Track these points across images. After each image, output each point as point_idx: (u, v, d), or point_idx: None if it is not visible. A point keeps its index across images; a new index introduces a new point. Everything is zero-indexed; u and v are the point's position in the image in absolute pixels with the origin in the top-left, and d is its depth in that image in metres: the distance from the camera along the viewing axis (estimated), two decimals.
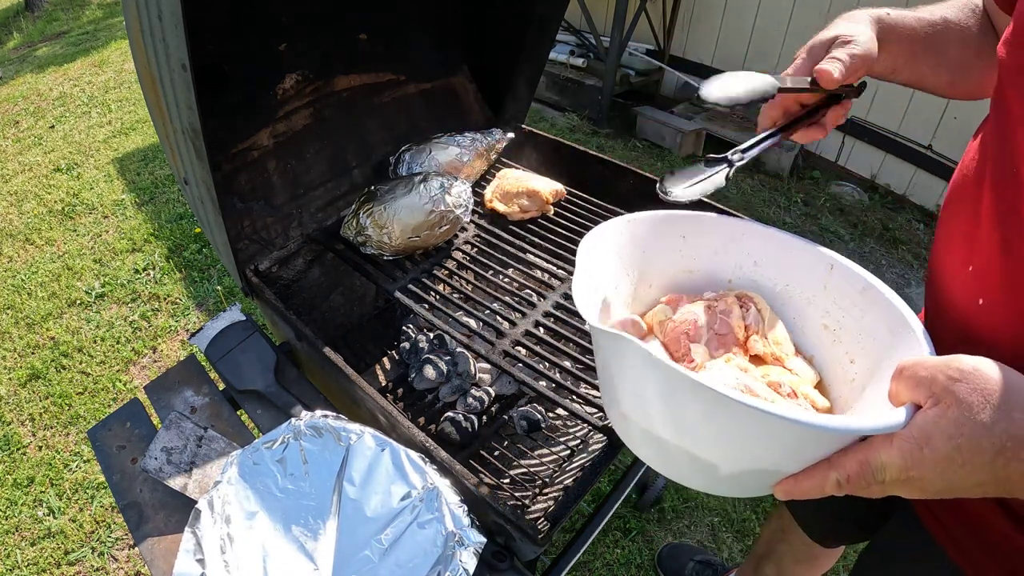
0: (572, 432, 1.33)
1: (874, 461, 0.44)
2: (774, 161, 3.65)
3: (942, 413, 0.42)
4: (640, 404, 0.57)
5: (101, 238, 3.12)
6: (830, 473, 0.47)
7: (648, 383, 0.53)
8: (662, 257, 0.76)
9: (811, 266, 0.71)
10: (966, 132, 3.30)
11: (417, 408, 1.32)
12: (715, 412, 0.49)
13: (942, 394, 0.43)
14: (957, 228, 0.64)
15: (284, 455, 0.91)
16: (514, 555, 0.87)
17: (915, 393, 0.45)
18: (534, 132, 1.72)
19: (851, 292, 0.67)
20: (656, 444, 0.58)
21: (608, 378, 0.62)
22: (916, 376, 0.45)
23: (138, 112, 4.46)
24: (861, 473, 0.45)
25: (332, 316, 1.50)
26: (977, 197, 0.60)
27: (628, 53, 4.09)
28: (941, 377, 0.43)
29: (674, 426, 0.54)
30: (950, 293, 0.64)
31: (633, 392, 0.57)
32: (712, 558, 1.70)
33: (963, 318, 0.61)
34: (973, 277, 0.59)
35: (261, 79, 1.32)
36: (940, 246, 0.68)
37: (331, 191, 1.48)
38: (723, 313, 0.69)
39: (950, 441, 0.41)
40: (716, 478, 0.55)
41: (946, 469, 0.42)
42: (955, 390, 0.42)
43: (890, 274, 2.95)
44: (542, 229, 1.36)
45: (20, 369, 2.39)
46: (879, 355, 0.62)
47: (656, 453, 0.60)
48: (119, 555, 1.81)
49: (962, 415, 0.41)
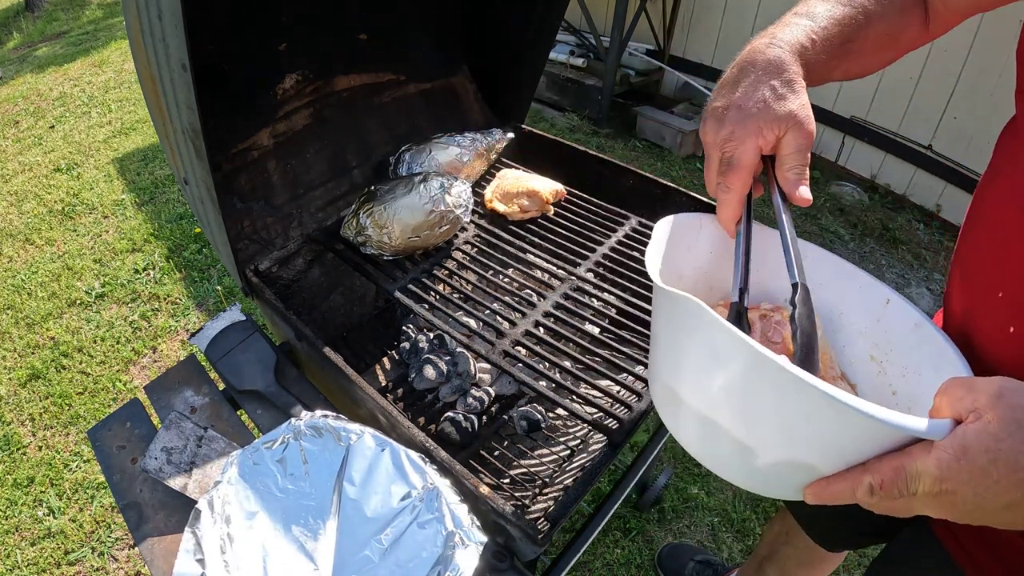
0: (572, 432, 1.33)
1: (910, 468, 0.44)
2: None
3: (983, 428, 0.42)
4: (697, 380, 0.56)
5: (101, 238, 3.12)
6: (864, 477, 0.46)
7: (717, 358, 0.53)
8: (728, 263, 0.76)
9: (868, 298, 0.72)
10: (966, 132, 3.30)
11: (417, 408, 1.32)
12: (784, 395, 0.48)
13: (984, 409, 0.43)
14: (983, 250, 0.63)
15: (284, 455, 0.91)
16: (514, 555, 0.87)
17: (958, 407, 0.45)
18: (534, 132, 1.72)
19: (903, 328, 0.68)
20: (701, 424, 0.57)
21: (665, 348, 0.60)
22: (959, 391, 0.45)
23: (138, 112, 4.46)
24: (895, 480, 0.45)
25: (332, 316, 1.50)
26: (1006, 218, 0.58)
27: (628, 53, 4.09)
28: (984, 394, 0.43)
29: (729, 407, 0.54)
30: (976, 319, 0.63)
31: (693, 366, 0.56)
32: (712, 558, 1.70)
33: (990, 345, 0.60)
34: (1004, 304, 0.58)
35: (261, 79, 1.32)
36: (964, 267, 0.67)
37: (331, 191, 1.48)
38: (777, 324, 0.70)
39: (987, 454, 0.41)
40: (752, 469, 0.55)
41: (980, 483, 0.42)
42: (997, 406, 0.42)
43: (890, 274, 2.95)
44: (542, 229, 1.36)
45: (20, 369, 2.39)
46: (920, 391, 0.63)
47: (698, 434, 0.59)
48: (119, 555, 1.81)
49: (1002, 430, 0.41)
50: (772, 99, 0.60)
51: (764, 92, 0.60)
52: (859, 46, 0.68)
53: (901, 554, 0.87)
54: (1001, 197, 0.61)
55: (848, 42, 0.67)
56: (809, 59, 0.64)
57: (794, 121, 0.60)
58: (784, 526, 1.27)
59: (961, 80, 2.96)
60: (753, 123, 0.60)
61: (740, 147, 0.61)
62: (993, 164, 0.66)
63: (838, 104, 3.49)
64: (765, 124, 0.60)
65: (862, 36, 0.68)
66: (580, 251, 1.28)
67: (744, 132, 0.60)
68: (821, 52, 0.65)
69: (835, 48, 0.66)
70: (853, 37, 0.67)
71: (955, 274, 0.70)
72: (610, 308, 1.16)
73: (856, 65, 0.71)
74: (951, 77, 2.99)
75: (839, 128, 3.54)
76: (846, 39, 0.67)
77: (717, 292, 0.79)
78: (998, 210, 0.61)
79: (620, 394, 0.99)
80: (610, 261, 1.26)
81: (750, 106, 0.60)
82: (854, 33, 0.67)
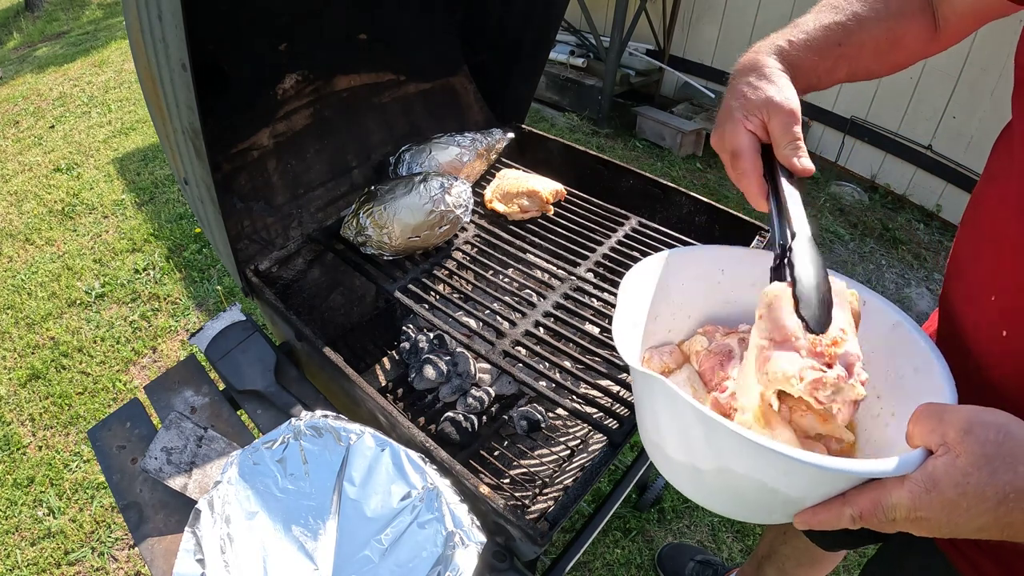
0: (572, 432, 1.33)
1: (885, 501, 0.47)
2: None
3: (951, 462, 0.45)
4: (678, 442, 0.60)
5: (101, 238, 3.12)
6: (845, 509, 0.50)
7: (677, 421, 0.57)
8: (701, 289, 0.78)
9: (876, 321, 0.72)
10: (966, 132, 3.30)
11: (417, 408, 1.32)
12: (741, 451, 0.52)
13: (953, 444, 0.45)
14: (979, 254, 0.63)
15: (284, 455, 0.91)
16: (514, 555, 0.87)
17: (928, 439, 0.47)
18: (534, 132, 1.72)
19: (881, 328, 0.68)
20: (690, 475, 0.61)
21: (646, 412, 0.65)
22: (930, 423, 0.48)
23: (138, 112, 4.46)
24: (873, 511, 0.48)
25: (332, 316, 1.50)
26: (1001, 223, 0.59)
27: (628, 53, 4.09)
28: (953, 428, 0.46)
29: (704, 458, 0.57)
30: (970, 321, 0.64)
31: (671, 430, 0.60)
32: (712, 558, 1.70)
33: (983, 348, 0.61)
34: (998, 308, 0.59)
35: (261, 79, 1.32)
36: (959, 270, 0.67)
37: (331, 191, 1.48)
38: None
39: (956, 488, 0.44)
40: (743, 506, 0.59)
41: (952, 512, 0.45)
42: (965, 441, 0.45)
43: (890, 274, 2.95)
44: (542, 229, 1.36)
45: (20, 369, 2.39)
46: (904, 393, 0.64)
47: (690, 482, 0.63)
48: (119, 555, 1.81)
49: (970, 465, 0.44)
50: (749, 92, 0.67)
51: (741, 88, 0.67)
52: (855, 50, 0.72)
53: (896, 554, 0.88)
54: (996, 203, 0.62)
55: (840, 45, 0.71)
56: (791, 58, 0.69)
57: (771, 104, 0.65)
58: (783, 526, 1.27)
59: (961, 80, 2.96)
60: (736, 115, 0.67)
61: (733, 138, 0.67)
62: (989, 169, 0.66)
63: (838, 104, 3.49)
64: (746, 113, 0.66)
65: (856, 40, 0.71)
66: (580, 251, 1.28)
67: (731, 125, 0.67)
68: (805, 51, 0.70)
69: (825, 49, 0.70)
70: (844, 41, 0.71)
71: (951, 276, 0.70)
72: (610, 308, 1.16)
73: (861, 68, 0.74)
74: (951, 77, 2.99)
75: (839, 128, 3.54)
76: (836, 42, 0.71)
77: (695, 320, 0.80)
78: (993, 216, 0.62)
79: (620, 394, 0.99)
80: (610, 261, 1.26)
81: (731, 104, 0.68)
82: (844, 37, 0.71)
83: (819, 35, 0.70)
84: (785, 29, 0.73)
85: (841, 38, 0.70)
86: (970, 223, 0.67)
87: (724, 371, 0.69)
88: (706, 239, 1.32)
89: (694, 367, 0.73)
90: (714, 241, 1.32)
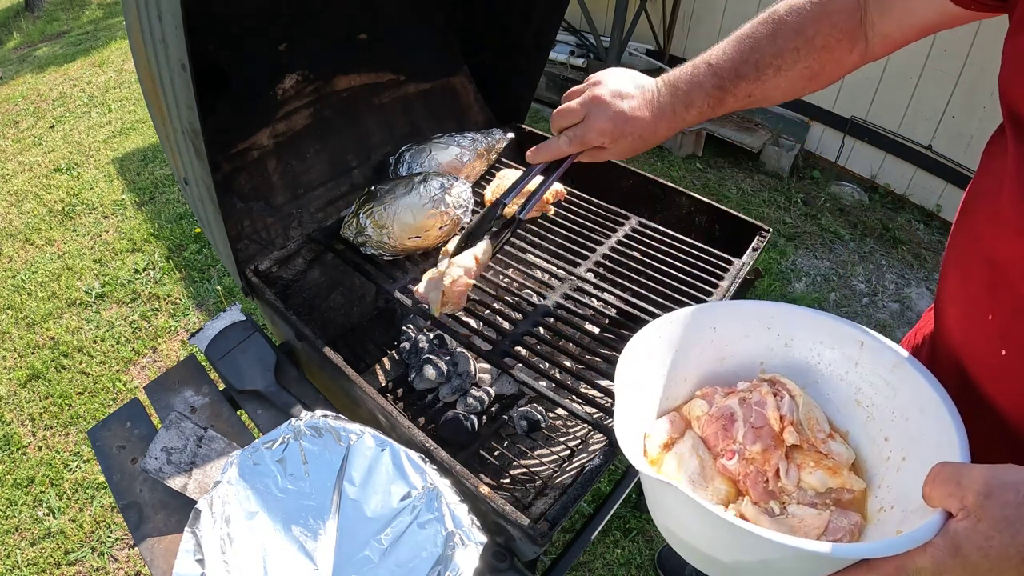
0: (572, 432, 1.33)
1: (909, 567, 0.48)
2: (774, 161, 3.65)
3: (972, 526, 0.46)
4: (689, 532, 0.61)
5: (101, 238, 3.12)
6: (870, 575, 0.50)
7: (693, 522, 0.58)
8: (695, 350, 0.77)
9: (841, 343, 0.73)
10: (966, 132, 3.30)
11: (417, 408, 1.32)
12: (754, 547, 0.53)
13: (973, 508, 0.46)
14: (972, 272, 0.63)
15: (284, 455, 0.91)
16: (514, 555, 0.87)
17: (947, 502, 0.48)
18: (534, 132, 1.72)
19: (881, 369, 0.69)
20: (703, 558, 0.62)
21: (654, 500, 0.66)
22: (948, 487, 0.48)
23: (138, 112, 4.46)
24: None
25: (332, 316, 1.50)
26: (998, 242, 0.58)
27: (628, 53, 4.09)
28: (972, 492, 0.46)
29: (718, 550, 0.58)
30: (966, 338, 0.64)
31: (683, 522, 0.61)
32: None
33: (981, 364, 0.61)
34: (996, 328, 0.59)
35: (261, 79, 1.32)
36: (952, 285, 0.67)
37: (331, 191, 1.48)
38: (758, 405, 0.70)
39: (979, 552, 0.45)
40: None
41: (974, 574, 0.46)
42: (985, 506, 0.45)
43: (890, 274, 2.95)
44: (542, 229, 1.36)
45: (20, 369, 2.39)
46: (911, 436, 0.64)
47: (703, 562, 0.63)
48: (119, 555, 1.81)
49: (991, 528, 0.45)
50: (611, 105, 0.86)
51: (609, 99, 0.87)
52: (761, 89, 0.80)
53: None
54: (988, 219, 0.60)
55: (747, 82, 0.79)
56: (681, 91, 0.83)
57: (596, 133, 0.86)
58: None
59: (961, 80, 2.96)
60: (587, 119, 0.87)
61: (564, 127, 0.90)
62: (978, 185, 0.65)
63: (838, 104, 3.49)
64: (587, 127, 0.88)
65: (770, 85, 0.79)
66: (580, 251, 1.28)
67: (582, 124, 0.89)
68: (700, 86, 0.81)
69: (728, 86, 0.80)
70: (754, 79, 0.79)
71: (944, 290, 0.69)
72: (610, 308, 1.16)
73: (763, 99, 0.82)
74: (951, 77, 2.99)
75: (839, 128, 3.54)
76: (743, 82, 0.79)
77: (691, 383, 0.79)
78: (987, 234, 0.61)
79: None
80: (610, 261, 1.26)
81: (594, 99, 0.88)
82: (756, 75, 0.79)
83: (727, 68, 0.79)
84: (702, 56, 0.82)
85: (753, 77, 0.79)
86: (962, 239, 0.66)
87: (729, 435, 0.69)
88: (706, 239, 1.32)
89: (697, 433, 0.73)
90: (714, 241, 1.32)
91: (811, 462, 0.66)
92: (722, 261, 1.25)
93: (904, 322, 2.68)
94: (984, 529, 0.45)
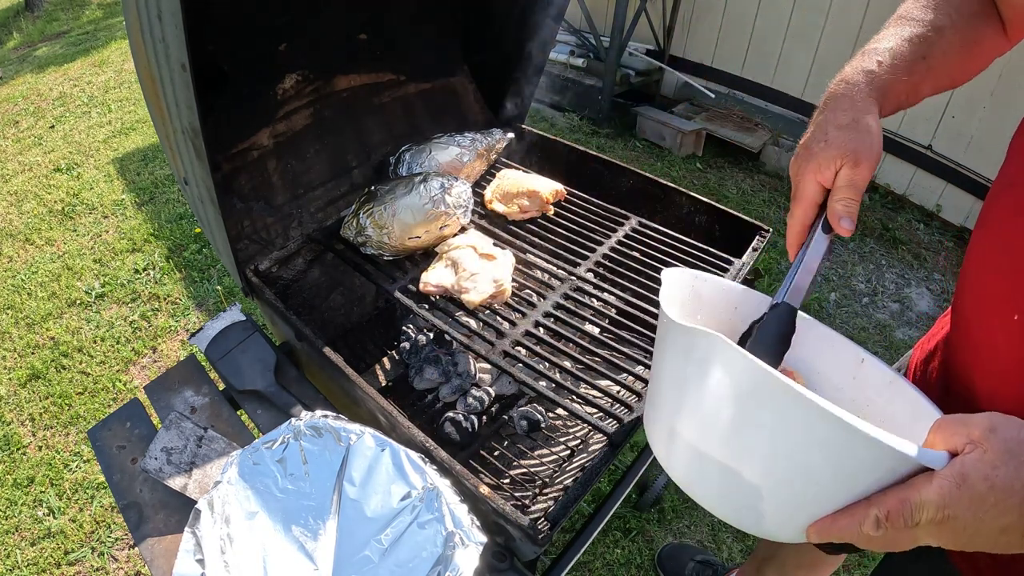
0: (572, 432, 1.33)
1: (914, 498, 0.46)
2: (774, 161, 3.65)
3: (980, 456, 0.45)
4: (704, 416, 0.57)
5: (101, 238, 3.12)
6: (870, 510, 0.48)
7: (730, 388, 0.54)
8: (713, 319, 0.78)
9: (843, 358, 0.74)
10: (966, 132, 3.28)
11: (417, 408, 1.32)
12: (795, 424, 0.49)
13: (980, 440, 0.46)
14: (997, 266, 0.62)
15: (284, 455, 0.91)
16: (514, 555, 0.87)
17: (953, 441, 0.47)
18: (534, 132, 1.72)
19: (878, 384, 0.70)
20: (701, 463, 0.58)
21: (669, 387, 0.62)
22: (953, 427, 0.48)
23: (138, 112, 4.45)
24: (901, 510, 0.47)
25: (332, 316, 1.50)
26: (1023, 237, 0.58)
27: (628, 53, 4.09)
28: (978, 428, 0.46)
29: (736, 442, 0.55)
30: (990, 341, 0.63)
31: (702, 402, 0.57)
32: (712, 558, 1.70)
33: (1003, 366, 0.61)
34: (1021, 328, 0.58)
35: (261, 79, 1.32)
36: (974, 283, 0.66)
37: (331, 191, 1.48)
38: None
39: (985, 481, 0.44)
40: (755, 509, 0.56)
41: (979, 508, 0.44)
42: (991, 438, 0.45)
43: (890, 274, 2.95)
44: (542, 229, 1.36)
45: (20, 369, 2.39)
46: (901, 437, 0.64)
47: (699, 475, 0.60)
48: (119, 555, 1.81)
49: (998, 459, 0.44)
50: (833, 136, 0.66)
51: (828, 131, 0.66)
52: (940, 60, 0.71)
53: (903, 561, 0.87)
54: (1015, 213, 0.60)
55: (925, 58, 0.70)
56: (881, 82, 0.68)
57: (850, 158, 0.64)
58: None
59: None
60: (814, 162, 0.66)
61: (802, 181, 0.68)
62: (1006, 174, 0.64)
63: None
64: (823, 162, 0.66)
65: (938, 50, 0.71)
66: (580, 251, 1.28)
67: (806, 169, 0.67)
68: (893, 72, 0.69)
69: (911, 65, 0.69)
70: (928, 53, 0.70)
71: (964, 290, 0.68)
72: (610, 308, 1.16)
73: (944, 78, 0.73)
74: None
75: None
76: (920, 55, 0.70)
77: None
78: (1014, 227, 0.60)
79: (620, 394, 0.99)
80: (610, 261, 1.26)
81: (813, 147, 0.67)
82: (927, 49, 0.70)
83: (904, 51, 0.70)
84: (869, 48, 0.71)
85: (924, 51, 0.70)
86: (987, 233, 0.65)
87: None
88: (706, 239, 1.32)
89: None
90: (714, 241, 1.32)
91: None
92: (722, 261, 1.25)
93: (904, 322, 2.68)
94: (991, 459, 0.44)
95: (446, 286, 1.14)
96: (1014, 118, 0.70)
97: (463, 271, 1.15)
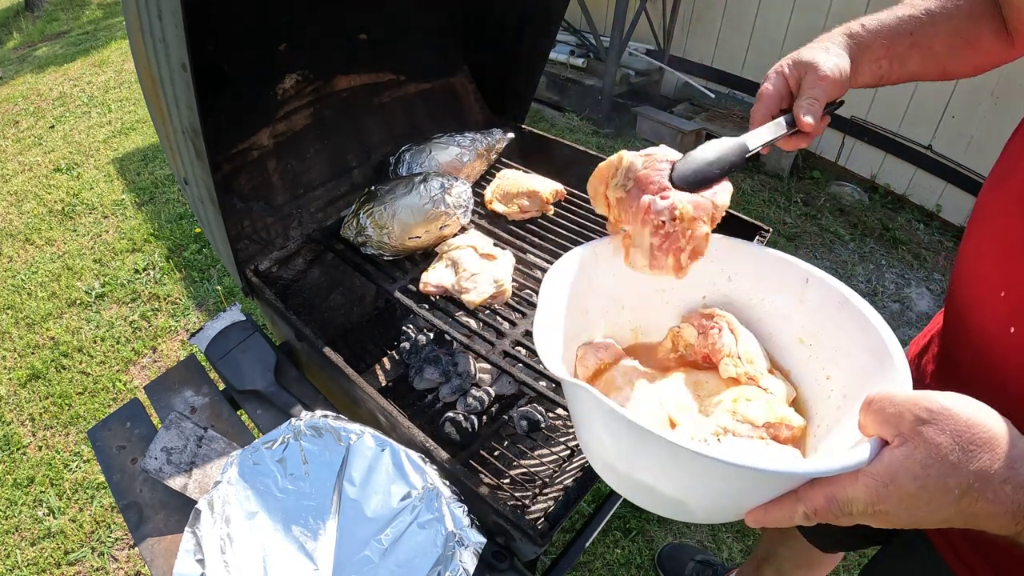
0: (572, 432, 1.33)
1: (840, 496, 0.45)
2: (774, 161, 3.64)
3: (908, 454, 0.43)
4: (611, 450, 0.58)
5: (101, 238, 3.12)
6: (797, 506, 0.48)
7: (609, 430, 0.55)
8: (633, 278, 0.74)
9: (787, 280, 0.71)
10: (966, 132, 3.28)
11: (417, 408, 1.32)
12: (675, 457, 0.49)
13: (909, 434, 0.43)
14: (988, 249, 0.64)
15: (284, 455, 0.91)
16: (514, 555, 0.87)
17: (882, 429, 0.45)
18: (534, 132, 1.72)
19: (828, 307, 0.67)
20: (627, 481, 0.59)
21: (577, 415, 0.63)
22: (884, 412, 0.45)
23: (138, 112, 4.46)
24: (828, 507, 0.46)
25: (332, 316, 1.50)
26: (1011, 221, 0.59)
27: (628, 53, 4.09)
28: (908, 416, 0.43)
29: (644, 472, 0.55)
30: (977, 317, 0.64)
31: (604, 439, 0.58)
32: (712, 558, 1.70)
33: (989, 344, 0.61)
34: (1006, 304, 0.59)
35: (261, 79, 1.32)
36: (967, 266, 0.67)
37: (331, 191, 1.48)
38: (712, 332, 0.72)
39: (915, 481, 0.42)
40: (687, 511, 0.57)
41: (911, 506, 0.43)
42: (922, 431, 0.42)
43: (890, 274, 2.95)
44: (542, 229, 1.36)
45: (20, 369, 2.39)
46: (855, 374, 0.62)
47: (628, 490, 0.61)
48: (119, 555, 1.81)
49: (928, 457, 0.42)
50: (803, 52, 0.75)
51: (800, 49, 0.76)
52: (927, 41, 0.75)
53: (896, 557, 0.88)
54: (1004, 202, 0.62)
55: (911, 34, 0.75)
56: (861, 39, 0.75)
57: (811, 66, 0.72)
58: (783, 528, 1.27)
59: (961, 80, 2.96)
60: (781, 64, 0.76)
61: (766, 80, 0.77)
62: (1000, 166, 0.66)
63: None
64: (788, 66, 0.75)
65: (928, 32, 0.75)
66: None
67: (774, 72, 0.76)
68: (875, 36, 0.75)
69: (896, 36, 0.75)
70: (916, 31, 0.75)
71: (958, 274, 0.70)
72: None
73: (934, 63, 0.77)
74: None
75: (839, 128, 3.54)
76: (907, 31, 0.75)
77: (628, 312, 0.78)
78: (1003, 212, 0.62)
79: None
80: None
81: (784, 62, 0.76)
82: (916, 28, 0.75)
83: (891, 23, 0.75)
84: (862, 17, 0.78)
85: (912, 28, 0.75)
86: (978, 221, 0.67)
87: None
88: None
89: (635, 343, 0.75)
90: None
91: (748, 395, 0.65)
92: None
93: (904, 322, 2.68)
94: (921, 457, 0.42)
95: (446, 286, 1.14)
96: (1014, 118, 0.71)
97: (463, 271, 1.14)
